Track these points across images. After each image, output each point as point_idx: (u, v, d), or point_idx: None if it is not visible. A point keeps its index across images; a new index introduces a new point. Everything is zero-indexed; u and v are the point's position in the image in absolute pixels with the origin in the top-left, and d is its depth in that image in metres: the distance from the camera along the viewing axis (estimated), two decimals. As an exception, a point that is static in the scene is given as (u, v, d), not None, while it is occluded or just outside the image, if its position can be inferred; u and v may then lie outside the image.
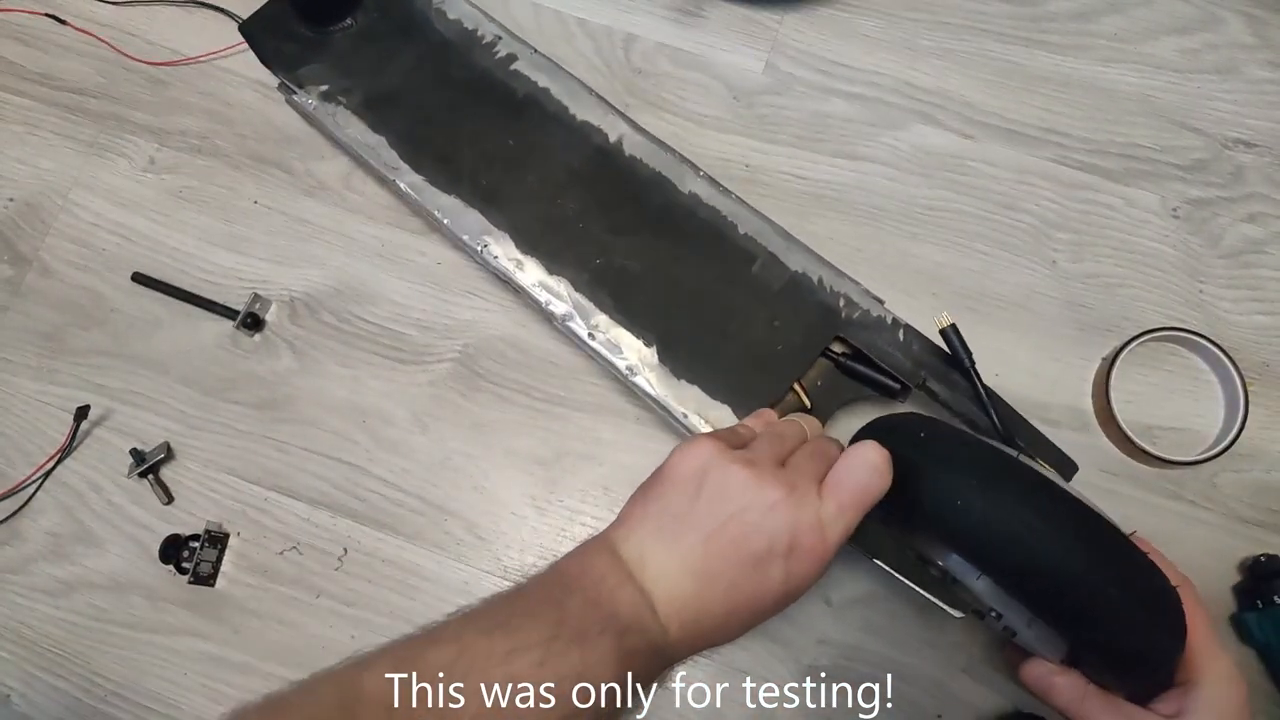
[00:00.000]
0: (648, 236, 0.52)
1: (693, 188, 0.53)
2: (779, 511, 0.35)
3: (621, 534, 0.37)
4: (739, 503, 0.36)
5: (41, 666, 0.55)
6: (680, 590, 0.35)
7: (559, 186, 0.53)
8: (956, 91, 0.58)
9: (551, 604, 0.34)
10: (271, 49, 0.56)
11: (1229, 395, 0.52)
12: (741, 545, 0.35)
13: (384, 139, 0.55)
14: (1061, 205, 0.56)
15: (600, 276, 0.52)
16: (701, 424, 0.49)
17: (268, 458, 0.56)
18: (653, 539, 0.36)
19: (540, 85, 0.55)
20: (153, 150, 0.61)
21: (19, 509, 0.56)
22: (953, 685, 0.50)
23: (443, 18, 0.57)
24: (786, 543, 0.35)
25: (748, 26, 0.60)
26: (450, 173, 0.54)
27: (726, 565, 0.35)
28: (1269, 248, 0.55)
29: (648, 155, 0.54)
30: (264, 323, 0.58)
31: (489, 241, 0.53)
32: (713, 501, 0.36)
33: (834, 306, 0.50)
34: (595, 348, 0.51)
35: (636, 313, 0.51)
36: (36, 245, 0.60)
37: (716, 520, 0.36)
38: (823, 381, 0.51)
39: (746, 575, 0.35)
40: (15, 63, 0.63)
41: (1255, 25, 0.57)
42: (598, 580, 0.35)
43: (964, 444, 0.40)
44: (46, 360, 0.58)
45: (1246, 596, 0.50)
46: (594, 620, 0.33)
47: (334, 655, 0.53)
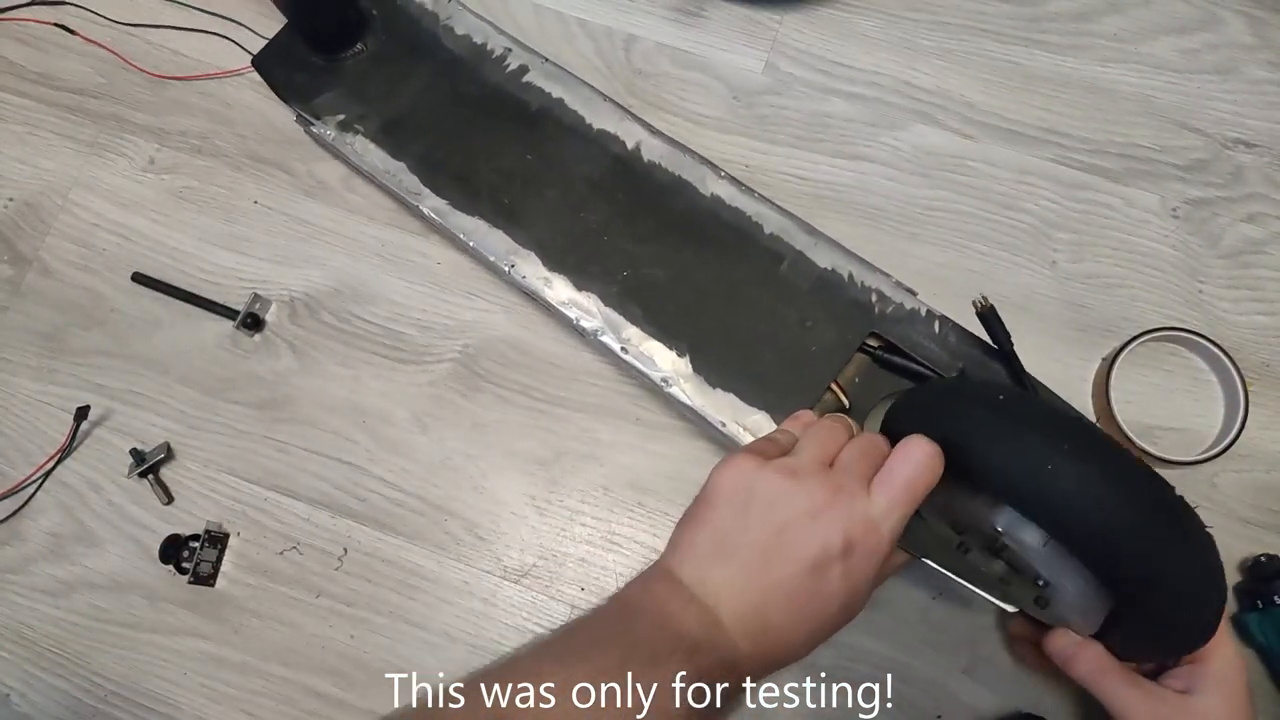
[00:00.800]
0: (673, 243, 0.52)
1: (715, 190, 0.53)
2: (828, 514, 0.35)
3: (677, 560, 0.37)
4: (787, 512, 0.36)
5: (41, 666, 0.55)
6: (744, 605, 0.35)
7: (580, 199, 0.53)
8: (956, 91, 0.58)
9: (620, 630, 0.34)
10: (284, 80, 0.56)
11: (1229, 395, 0.52)
12: (796, 553, 0.35)
13: (404, 164, 0.55)
14: (1061, 205, 0.56)
15: (628, 288, 0.51)
16: (740, 431, 0.49)
17: (268, 458, 0.56)
18: (708, 560, 0.36)
19: (554, 96, 0.55)
20: (153, 150, 0.61)
21: (19, 509, 0.56)
22: (953, 685, 0.50)
23: (451, 34, 0.57)
24: (840, 545, 0.35)
25: (748, 26, 0.60)
26: (471, 193, 0.54)
27: (785, 575, 0.35)
28: (1269, 248, 0.55)
29: (667, 159, 0.53)
30: (264, 323, 0.58)
31: (516, 261, 0.53)
32: (761, 515, 0.36)
33: (866, 302, 0.50)
34: (629, 361, 0.50)
35: (667, 323, 0.51)
36: (36, 245, 0.60)
37: (768, 532, 0.36)
38: (860, 378, 0.50)
39: (806, 583, 0.35)
40: (16, 63, 0.63)
41: (1255, 25, 0.57)
42: (662, 604, 0.35)
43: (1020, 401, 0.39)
44: (46, 360, 0.58)
45: (1247, 597, 0.50)
46: (664, 642, 0.33)
47: (333, 655, 0.54)
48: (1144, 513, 0.36)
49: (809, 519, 0.35)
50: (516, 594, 0.54)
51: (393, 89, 0.56)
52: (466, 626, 0.54)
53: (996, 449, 0.37)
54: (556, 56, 0.57)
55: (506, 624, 0.54)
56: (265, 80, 0.56)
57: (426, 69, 0.56)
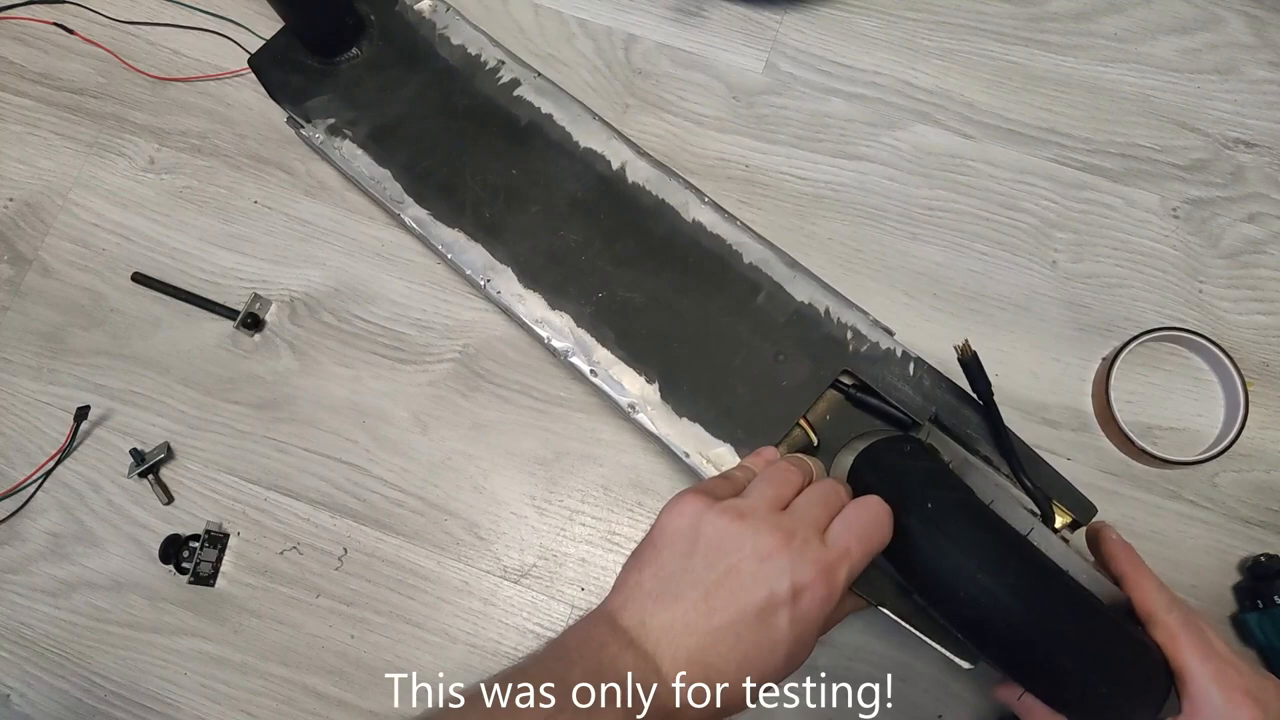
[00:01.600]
0: (651, 267, 0.52)
1: (696, 215, 0.52)
2: (777, 559, 0.34)
3: (619, 603, 0.35)
4: (734, 555, 0.35)
5: (41, 666, 0.55)
6: (685, 649, 0.34)
7: (561, 217, 0.53)
8: (956, 91, 0.58)
9: (554, 679, 0.33)
10: (279, 82, 0.56)
11: (1229, 395, 0.52)
12: (742, 597, 0.34)
13: (389, 172, 0.55)
14: (1061, 205, 0.56)
15: (602, 310, 0.51)
16: (703, 463, 0.48)
17: (268, 458, 0.56)
18: (651, 602, 0.35)
19: (543, 111, 0.55)
20: (153, 150, 0.61)
21: (19, 509, 0.56)
22: (953, 685, 0.50)
23: (446, 43, 0.57)
24: (788, 590, 0.34)
25: (748, 26, 0.60)
26: (454, 205, 0.54)
27: (729, 619, 0.34)
28: (1269, 248, 0.55)
29: (652, 182, 0.53)
30: (264, 323, 0.58)
31: (492, 276, 0.52)
32: (708, 556, 0.35)
33: (842, 339, 0.49)
34: (597, 384, 0.50)
35: (639, 348, 0.50)
36: (36, 245, 0.60)
37: (714, 574, 0.35)
38: (831, 416, 0.48)
39: (752, 627, 0.34)
40: (16, 63, 0.63)
41: (1255, 25, 0.57)
42: (598, 649, 0.34)
43: (965, 519, 0.39)
44: (46, 360, 0.58)
45: (1247, 597, 0.50)
46: (597, 693, 0.32)
47: (333, 655, 0.54)
48: (1056, 636, 0.36)
49: (756, 562, 0.34)
50: (516, 594, 0.54)
51: (385, 96, 0.56)
52: (466, 626, 0.54)
53: (912, 554, 0.38)
54: (556, 56, 0.57)
55: (506, 624, 0.54)
56: (260, 81, 0.56)
57: (419, 77, 0.56)
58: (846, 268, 0.56)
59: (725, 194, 0.57)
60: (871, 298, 0.55)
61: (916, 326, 0.54)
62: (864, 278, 0.56)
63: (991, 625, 0.36)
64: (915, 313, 0.55)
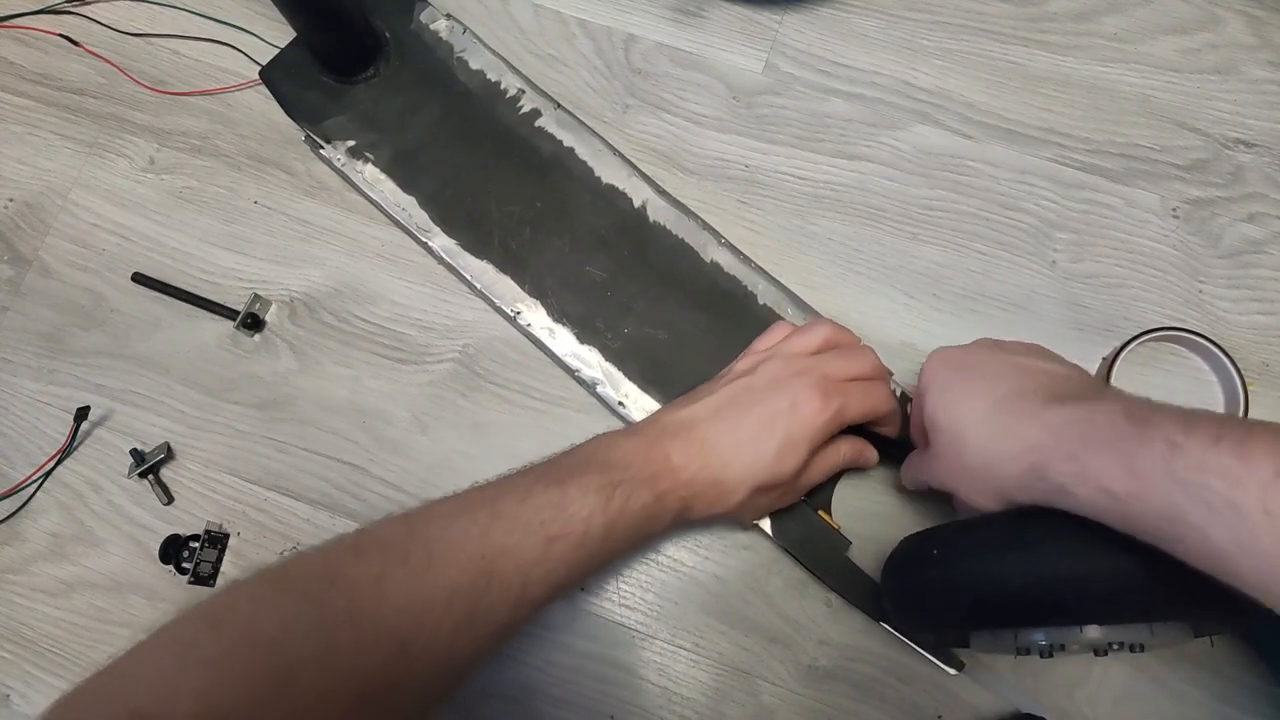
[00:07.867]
0: (674, 304, 0.53)
1: (715, 256, 0.54)
2: (783, 383, 0.44)
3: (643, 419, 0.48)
4: (749, 379, 0.45)
5: (41, 666, 0.55)
6: (684, 426, 0.44)
7: (587, 251, 0.54)
8: (956, 91, 0.58)
9: (567, 455, 0.43)
10: (294, 98, 0.56)
11: (1229, 395, 0.52)
12: (748, 405, 0.44)
13: (414, 199, 0.55)
14: (1061, 205, 0.56)
15: (629, 345, 0.53)
16: None
17: (268, 458, 0.56)
18: (670, 409, 0.46)
19: (565, 145, 0.56)
20: (153, 150, 0.61)
21: (19, 509, 0.56)
22: (953, 685, 0.50)
23: (465, 68, 0.57)
24: (788, 404, 0.43)
25: (748, 26, 0.60)
26: (481, 235, 0.54)
27: (732, 416, 0.44)
28: (1269, 248, 0.55)
29: (672, 222, 0.55)
30: (264, 323, 0.58)
31: (522, 309, 0.53)
32: (730, 381, 0.45)
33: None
34: (626, 414, 0.52)
35: (664, 382, 0.52)
36: (36, 245, 0.60)
37: (731, 391, 0.45)
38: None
39: (750, 427, 0.43)
40: (15, 63, 0.63)
41: (1255, 25, 0.57)
42: (608, 444, 0.44)
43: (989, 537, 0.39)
44: (46, 360, 0.58)
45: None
46: (591, 467, 0.41)
47: (334, 655, 0.54)
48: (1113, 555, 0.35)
49: (766, 383, 0.44)
50: (516, 594, 0.54)
51: (404, 119, 0.56)
52: (466, 626, 0.54)
53: (986, 593, 0.38)
54: (556, 56, 0.57)
55: (506, 624, 0.54)
56: (274, 95, 0.56)
57: (439, 102, 0.56)
58: (846, 268, 0.56)
59: (725, 194, 0.57)
60: (871, 298, 0.55)
61: (916, 327, 0.54)
62: (864, 278, 0.56)
63: (1098, 584, 0.35)
64: (915, 313, 0.55)
